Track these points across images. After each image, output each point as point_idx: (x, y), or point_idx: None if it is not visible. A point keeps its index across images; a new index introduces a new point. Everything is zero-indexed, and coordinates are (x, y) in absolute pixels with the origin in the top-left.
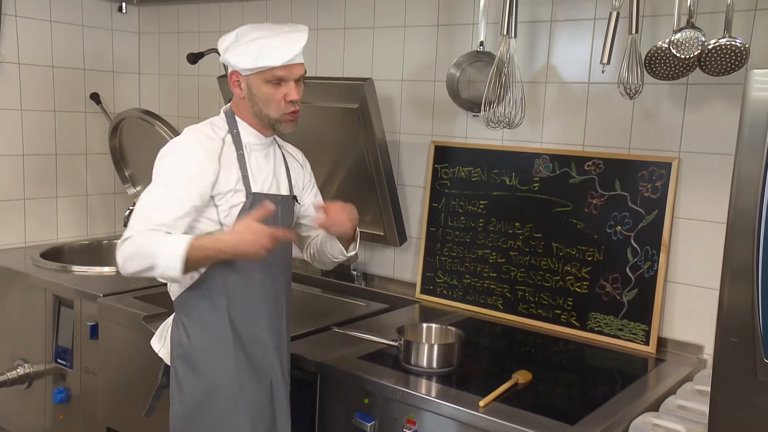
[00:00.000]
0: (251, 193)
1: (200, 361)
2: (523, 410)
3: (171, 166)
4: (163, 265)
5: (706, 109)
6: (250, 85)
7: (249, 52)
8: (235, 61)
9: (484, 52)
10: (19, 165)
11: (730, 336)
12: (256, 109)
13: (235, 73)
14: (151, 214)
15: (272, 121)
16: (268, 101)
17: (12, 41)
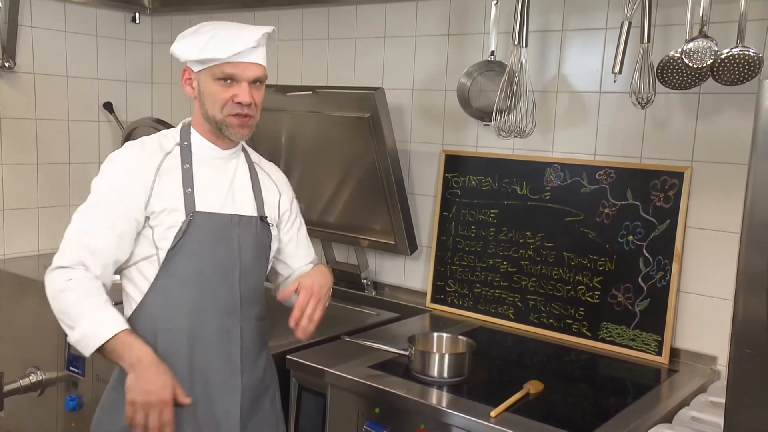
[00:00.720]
0: (193, 211)
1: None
2: (535, 421)
3: (101, 185)
4: (76, 339)
5: (719, 118)
6: (200, 83)
7: (196, 43)
8: (180, 51)
9: (495, 61)
10: (33, 173)
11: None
12: (203, 110)
13: (187, 69)
14: (81, 239)
15: (218, 124)
16: (215, 100)
17: (27, 51)
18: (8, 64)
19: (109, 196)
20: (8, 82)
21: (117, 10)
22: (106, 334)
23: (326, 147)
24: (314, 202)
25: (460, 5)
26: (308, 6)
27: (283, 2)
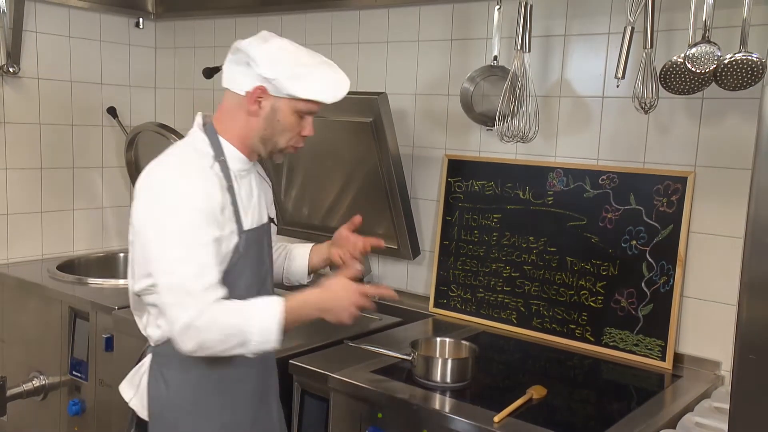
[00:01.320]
0: (242, 231)
1: (180, 420)
2: (538, 426)
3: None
4: (257, 340)
5: (722, 123)
6: (276, 109)
7: (301, 78)
8: (282, 83)
9: (498, 66)
10: (36, 178)
11: (748, 352)
12: (266, 133)
13: (263, 89)
14: (193, 286)
15: (276, 149)
16: (286, 131)
17: (32, 56)
18: (13, 69)
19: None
20: (13, 87)
21: (121, 15)
22: (276, 319)
23: (329, 151)
24: (317, 207)
25: (463, 10)
26: (311, 11)
27: (286, 7)
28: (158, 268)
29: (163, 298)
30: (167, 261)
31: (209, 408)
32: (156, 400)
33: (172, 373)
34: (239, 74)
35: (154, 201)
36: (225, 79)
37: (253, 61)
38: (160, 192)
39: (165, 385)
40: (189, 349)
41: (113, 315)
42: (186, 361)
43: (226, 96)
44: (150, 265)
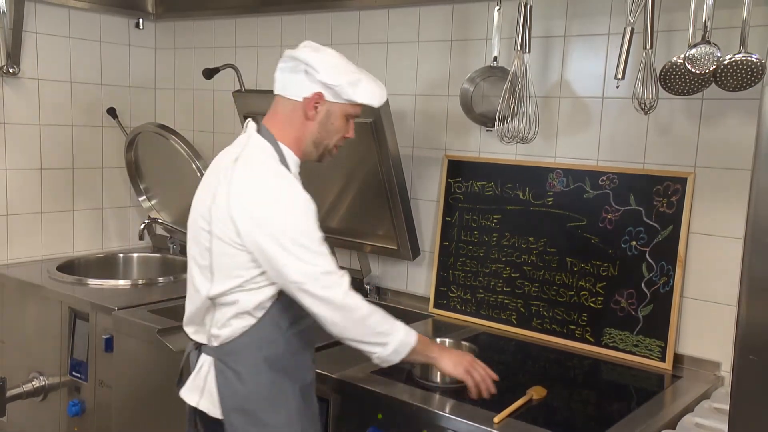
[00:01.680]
0: None
1: (260, 408)
2: (538, 427)
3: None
4: (392, 349)
5: (722, 124)
6: (330, 113)
7: (357, 83)
8: (343, 89)
9: (498, 67)
10: (36, 179)
11: (748, 353)
12: (320, 135)
13: (321, 95)
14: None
15: (325, 151)
16: (336, 133)
17: (32, 57)
18: (13, 70)
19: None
20: (13, 87)
21: (121, 16)
22: (413, 339)
23: None
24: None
25: (463, 11)
26: (311, 12)
27: (286, 8)
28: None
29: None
30: (302, 263)
31: (285, 396)
32: (231, 397)
33: (244, 367)
34: (296, 82)
35: (270, 210)
36: (278, 87)
37: (312, 69)
38: (272, 199)
39: (239, 380)
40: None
41: (113, 315)
42: (256, 354)
43: (278, 102)
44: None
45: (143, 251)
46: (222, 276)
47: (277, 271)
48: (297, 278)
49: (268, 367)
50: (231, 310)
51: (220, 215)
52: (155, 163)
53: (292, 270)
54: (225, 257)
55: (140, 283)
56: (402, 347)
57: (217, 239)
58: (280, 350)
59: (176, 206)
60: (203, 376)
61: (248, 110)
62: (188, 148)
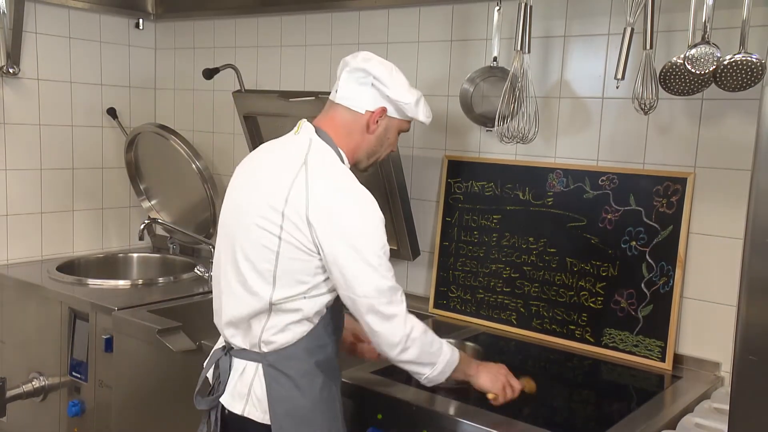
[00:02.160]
0: None
1: (313, 414)
2: (538, 427)
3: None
4: (440, 369)
5: (722, 124)
6: (388, 128)
7: (417, 102)
8: (410, 107)
9: (498, 67)
10: (36, 179)
11: (748, 353)
12: (375, 148)
13: (384, 110)
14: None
15: (375, 162)
16: (389, 146)
17: (32, 57)
18: (12, 70)
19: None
20: (12, 87)
21: (121, 16)
22: (456, 357)
23: None
24: None
25: (463, 11)
26: (311, 12)
27: (286, 8)
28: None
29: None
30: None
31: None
32: (284, 402)
33: (298, 372)
34: (362, 93)
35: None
36: (342, 96)
37: (382, 84)
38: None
39: (295, 386)
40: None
41: (113, 316)
42: (309, 360)
43: (337, 110)
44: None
45: (143, 251)
46: (287, 281)
47: (348, 281)
48: (367, 291)
49: (320, 372)
50: (292, 316)
51: (294, 220)
52: (155, 163)
53: (365, 282)
54: (295, 262)
55: (140, 283)
56: (448, 367)
57: (288, 244)
58: (329, 354)
59: (176, 206)
60: (247, 383)
61: (248, 110)
62: (188, 149)
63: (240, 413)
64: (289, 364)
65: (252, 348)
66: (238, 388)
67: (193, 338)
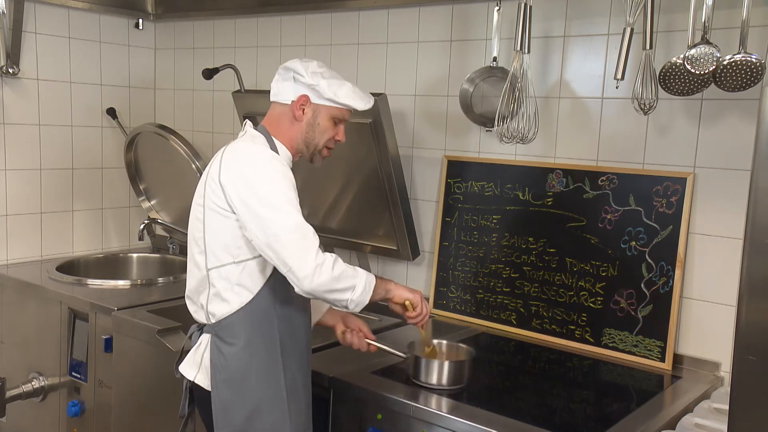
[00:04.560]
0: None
1: (247, 381)
2: (538, 427)
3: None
4: (361, 290)
5: (722, 124)
6: (317, 114)
7: (337, 86)
8: (323, 88)
9: (498, 67)
10: (36, 179)
11: (748, 354)
12: (308, 135)
13: (306, 97)
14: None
15: (314, 151)
16: (324, 134)
17: (31, 57)
18: (12, 70)
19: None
20: (12, 87)
21: (120, 16)
22: (372, 277)
23: None
24: (317, 208)
25: (463, 11)
26: (311, 12)
27: (285, 8)
28: (278, 218)
29: (290, 242)
30: (281, 215)
31: (275, 371)
32: (222, 369)
33: (239, 341)
34: (286, 87)
35: (255, 170)
36: (272, 94)
37: (298, 74)
38: (257, 166)
39: (233, 354)
40: (313, 286)
41: (113, 316)
42: (251, 330)
43: (272, 108)
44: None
45: (143, 251)
46: (215, 246)
47: (258, 227)
48: (276, 230)
49: (262, 342)
50: (227, 284)
51: (211, 185)
52: (155, 163)
53: (272, 222)
54: (218, 226)
55: (140, 283)
56: (368, 286)
57: (210, 210)
58: (273, 327)
59: (176, 206)
60: (201, 352)
61: (248, 110)
62: (188, 149)
63: (192, 380)
64: (229, 333)
65: (207, 321)
66: (195, 357)
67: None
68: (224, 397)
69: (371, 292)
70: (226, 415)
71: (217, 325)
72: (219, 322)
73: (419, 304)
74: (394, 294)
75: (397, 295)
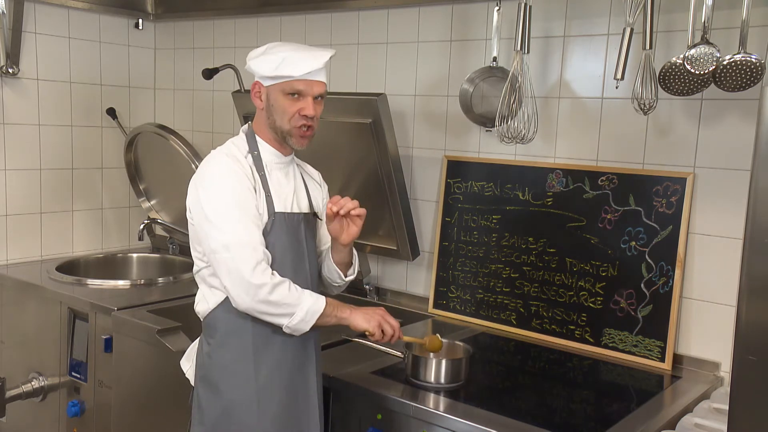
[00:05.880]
0: (273, 213)
1: (220, 380)
2: (538, 427)
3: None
4: (299, 318)
5: (721, 124)
6: (269, 96)
7: (271, 61)
8: (257, 68)
9: (497, 67)
10: (36, 179)
11: (747, 354)
12: (271, 121)
13: (257, 83)
14: (251, 240)
15: (284, 134)
16: (284, 113)
17: (31, 57)
18: (12, 70)
19: (241, 204)
20: (12, 87)
21: (120, 16)
22: (321, 305)
23: (329, 152)
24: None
25: (463, 11)
26: (310, 12)
27: (285, 8)
28: (214, 235)
29: (222, 261)
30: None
31: (246, 371)
32: (201, 367)
33: (215, 340)
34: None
35: (202, 183)
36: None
37: (249, 67)
38: (206, 175)
39: (209, 352)
40: (245, 306)
41: (112, 316)
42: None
43: None
44: (207, 235)
45: (143, 251)
46: (194, 251)
47: (201, 241)
48: (214, 246)
49: (236, 342)
50: (206, 285)
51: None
52: (155, 163)
53: (211, 238)
54: (192, 231)
55: (140, 283)
56: (309, 315)
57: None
58: (247, 328)
59: (175, 206)
60: (195, 347)
61: (247, 110)
62: (188, 149)
63: (185, 372)
64: (209, 332)
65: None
66: (190, 352)
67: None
68: (200, 395)
69: (313, 321)
70: (201, 413)
71: (203, 323)
72: (204, 321)
73: (376, 332)
74: (350, 323)
75: (353, 325)
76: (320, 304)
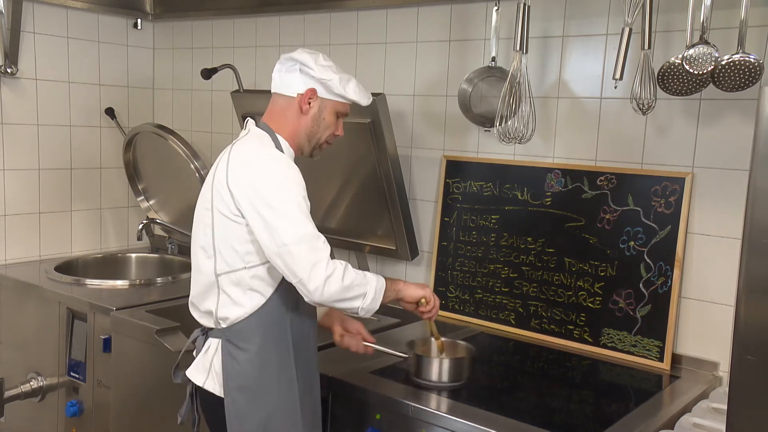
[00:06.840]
0: None
1: (262, 386)
2: (537, 427)
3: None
4: (371, 297)
5: (720, 124)
6: (322, 108)
7: (344, 80)
8: (334, 84)
9: (496, 67)
10: (34, 179)
11: (746, 354)
12: (313, 129)
13: (314, 90)
14: (317, 232)
15: (317, 144)
16: (328, 128)
17: (30, 57)
18: (11, 70)
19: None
20: (11, 87)
21: (119, 16)
22: (383, 281)
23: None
24: (315, 208)
25: (461, 11)
26: (309, 12)
27: (284, 8)
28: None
29: (296, 254)
30: (290, 224)
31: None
32: (236, 376)
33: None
34: (292, 79)
35: (268, 179)
36: (275, 85)
37: (307, 66)
38: (267, 171)
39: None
40: (324, 297)
41: (111, 316)
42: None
43: (274, 100)
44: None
45: (141, 251)
46: (225, 251)
47: (268, 236)
48: (285, 240)
49: (275, 347)
50: (240, 289)
51: (219, 189)
52: (153, 163)
53: (281, 232)
54: (227, 231)
55: (138, 283)
56: (378, 293)
57: (219, 214)
58: (287, 332)
59: (174, 206)
60: (210, 357)
61: (246, 110)
62: (186, 149)
63: (201, 385)
64: (243, 338)
65: (215, 326)
66: (203, 362)
67: None
68: (239, 405)
69: (381, 297)
70: (241, 423)
71: (228, 330)
72: (231, 327)
73: (432, 298)
74: (404, 294)
75: (408, 295)
76: (381, 280)
